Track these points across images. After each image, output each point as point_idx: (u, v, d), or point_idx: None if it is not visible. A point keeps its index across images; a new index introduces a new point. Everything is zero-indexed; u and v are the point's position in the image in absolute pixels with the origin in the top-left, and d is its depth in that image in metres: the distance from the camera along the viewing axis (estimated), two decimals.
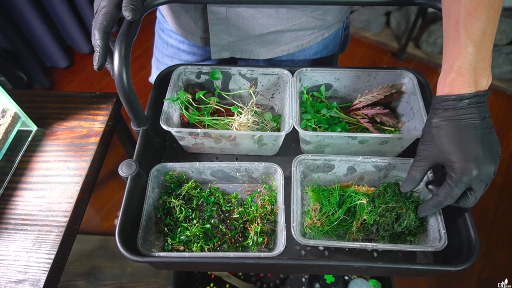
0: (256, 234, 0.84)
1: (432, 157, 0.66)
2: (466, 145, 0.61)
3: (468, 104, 0.61)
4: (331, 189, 0.89)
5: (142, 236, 0.80)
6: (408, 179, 0.73)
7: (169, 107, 0.95)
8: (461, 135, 0.61)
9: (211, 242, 0.83)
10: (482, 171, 0.60)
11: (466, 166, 0.60)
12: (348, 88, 1.03)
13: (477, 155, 0.60)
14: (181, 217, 0.86)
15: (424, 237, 0.81)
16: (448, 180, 0.64)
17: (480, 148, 0.60)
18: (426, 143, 0.67)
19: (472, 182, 0.61)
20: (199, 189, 0.91)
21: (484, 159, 0.60)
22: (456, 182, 0.62)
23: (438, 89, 0.65)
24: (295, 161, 0.87)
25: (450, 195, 0.64)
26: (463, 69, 0.61)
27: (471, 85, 0.61)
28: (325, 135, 0.89)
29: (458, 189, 0.63)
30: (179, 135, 0.93)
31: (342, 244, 0.77)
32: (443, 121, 0.63)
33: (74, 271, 2.02)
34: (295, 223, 0.78)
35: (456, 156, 0.61)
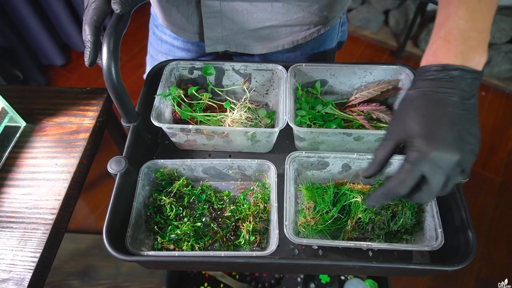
0: (248, 232, 0.81)
1: (398, 134, 0.54)
2: (432, 121, 0.50)
3: (450, 77, 0.51)
4: (326, 187, 0.87)
5: (131, 235, 0.78)
6: (372, 162, 0.59)
7: (161, 103, 0.93)
8: (431, 110, 0.51)
9: (202, 241, 0.81)
10: (442, 155, 0.48)
11: (425, 145, 0.49)
12: (344, 84, 1.01)
13: (442, 135, 0.49)
14: (171, 215, 0.84)
15: (421, 236, 0.79)
16: (404, 162, 0.52)
17: (448, 128, 0.49)
18: (395, 118, 0.57)
19: (428, 168, 0.49)
20: (190, 187, 0.89)
21: (450, 142, 0.49)
22: (412, 163, 0.50)
23: (423, 59, 0.56)
24: (289, 158, 0.85)
25: (403, 181, 0.51)
26: (451, 35, 0.52)
27: (457, 56, 0.51)
28: (319, 132, 0.87)
29: (413, 173, 0.50)
30: (171, 132, 0.91)
31: (336, 243, 0.75)
32: (417, 92, 0.54)
33: (68, 270, 1.99)
34: (288, 222, 0.76)
35: (417, 133, 0.50)
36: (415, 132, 0.51)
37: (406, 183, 0.52)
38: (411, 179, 0.51)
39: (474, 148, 0.51)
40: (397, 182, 0.53)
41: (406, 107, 0.55)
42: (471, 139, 0.51)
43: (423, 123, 0.51)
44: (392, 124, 0.57)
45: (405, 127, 0.53)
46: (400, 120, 0.55)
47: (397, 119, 0.56)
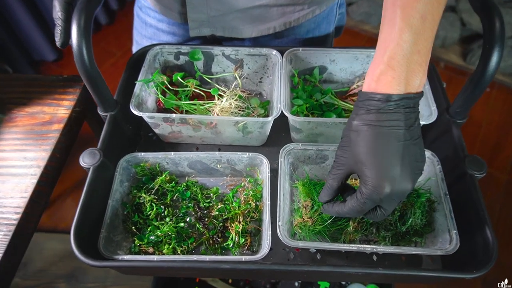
0: (237, 234, 0.73)
1: (348, 165, 0.57)
2: (383, 159, 0.52)
3: (395, 108, 0.51)
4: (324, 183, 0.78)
5: (105, 236, 0.69)
6: (325, 188, 0.63)
7: (142, 90, 0.84)
8: (380, 146, 0.52)
9: (185, 244, 0.72)
10: (396, 191, 0.52)
11: (379, 184, 0.52)
12: (344, 71, 0.92)
13: (393, 173, 0.51)
14: (151, 214, 0.75)
15: (432, 238, 0.70)
16: (357, 194, 0.55)
17: (398, 164, 0.51)
18: (344, 148, 0.58)
19: (382, 200, 0.53)
20: (174, 183, 0.80)
21: (401, 177, 0.51)
22: (366, 198, 0.54)
23: (365, 82, 0.55)
24: (283, 150, 0.76)
25: (356, 209, 0.56)
26: (395, 61, 0.50)
27: (400, 83, 0.50)
28: (317, 122, 0.78)
29: (366, 205, 0.55)
30: (153, 122, 0.82)
31: (336, 246, 0.66)
32: (363, 125, 0.53)
33: (55, 272, 1.90)
34: (282, 222, 0.68)
35: (369, 170, 0.52)
36: (367, 166, 0.53)
37: (359, 212, 0.57)
38: (364, 210, 0.56)
39: (421, 171, 0.55)
40: (351, 210, 0.58)
41: (355, 138, 0.54)
42: (420, 165, 0.54)
43: (374, 157, 0.52)
44: (341, 155, 0.58)
45: (356, 159, 0.55)
46: (350, 151, 0.56)
47: (347, 149, 0.57)
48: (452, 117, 0.78)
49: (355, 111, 0.55)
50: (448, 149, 0.77)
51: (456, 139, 0.76)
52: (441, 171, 0.72)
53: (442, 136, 0.80)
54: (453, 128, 0.77)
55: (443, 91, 0.83)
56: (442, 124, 0.79)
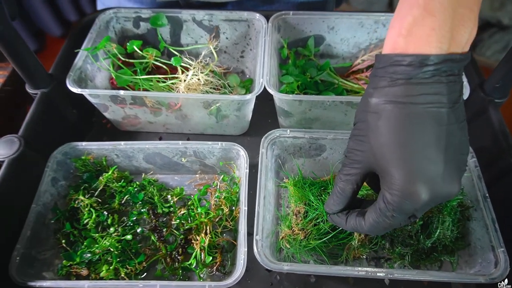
0: (203, 250, 0.54)
1: (366, 162, 0.40)
2: (417, 152, 0.36)
3: (433, 76, 0.35)
4: (322, 183, 0.59)
5: (24, 254, 0.51)
6: (334, 193, 0.45)
7: (87, 63, 0.65)
8: (412, 132, 0.36)
9: (131, 264, 0.53)
10: (437, 197, 0.36)
11: (412, 189, 0.36)
12: (346, 43, 0.74)
13: (434, 172, 0.36)
14: (89, 223, 0.56)
15: (467, 256, 0.52)
16: (379, 203, 0.39)
17: (441, 158, 0.36)
18: (358, 138, 0.41)
19: (417, 211, 0.37)
20: (124, 182, 0.61)
21: (445, 177, 0.36)
22: (394, 210, 0.37)
23: (388, 40, 0.37)
24: (266, 139, 0.57)
25: (381, 225, 0.40)
26: (436, 3, 0.34)
27: (443, 38, 0.34)
28: (311, 101, 0.59)
29: (395, 220, 0.38)
30: (99, 102, 0.64)
31: (336, 271, 0.47)
32: (387, 103, 0.37)
33: None
34: (261, 235, 0.49)
35: (397, 169, 0.36)
36: (393, 163, 0.37)
37: (385, 229, 0.40)
38: (392, 225, 0.39)
39: (466, 166, 0.44)
40: (373, 227, 0.41)
41: (374, 123, 0.38)
42: (465, 158, 0.38)
43: (404, 150, 0.36)
44: (356, 148, 0.41)
45: (376, 153, 0.38)
46: (368, 142, 0.39)
47: (362, 139, 0.40)
48: (488, 95, 0.60)
49: (373, 83, 0.38)
50: (485, 137, 0.58)
51: (496, 123, 0.57)
52: (477, 166, 0.53)
53: (476, 120, 0.61)
54: (490, 109, 0.59)
55: (473, 62, 0.65)
56: (475, 105, 0.61)
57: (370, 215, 0.40)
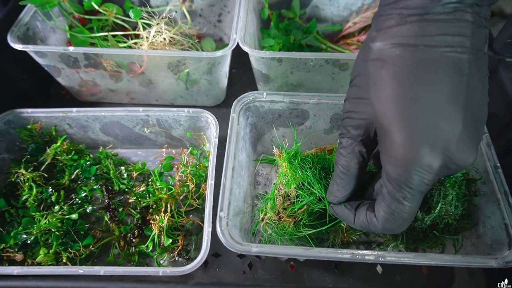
0: (162, 231, 0.45)
1: (370, 125, 0.32)
2: (430, 108, 0.28)
3: (455, 9, 0.27)
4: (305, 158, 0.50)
5: None
6: (336, 175, 0.36)
7: (37, 20, 0.57)
8: (425, 84, 0.28)
9: (75, 247, 0.45)
10: (451, 163, 0.29)
11: (418, 153, 0.28)
12: (336, 3, 0.65)
13: (449, 134, 0.28)
14: (29, 200, 0.48)
15: (474, 238, 0.43)
16: (385, 185, 0.31)
17: (458, 117, 0.28)
18: (357, 97, 0.33)
19: (428, 184, 0.29)
20: (74, 154, 0.53)
21: (462, 141, 0.28)
22: (401, 186, 0.29)
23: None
24: (238, 102, 0.49)
25: (394, 218, 0.31)
26: None
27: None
28: (292, 60, 0.51)
29: (409, 203, 0.30)
30: (47, 63, 0.55)
31: (317, 253, 0.39)
32: (394, 46, 0.29)
33: None
34: (226, 212, 0.41)
35: (401, 130, 0.28)
36: (397, 125, 0.28)
37: (403, 220, 0.31)
38: (409, 213, 0.30)
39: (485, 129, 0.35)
40: (387, 222, 0.32)
41: (377, 73, 0.30)
42: (483, 125, 0.31)
43: (414, 109, 0.28)
44: (353, 107, 0.33)
45: (379, 113, 0.30)
46: (368, 99, 0.31)
47: (362, 95, 0.32)
48: (497, 54, 0.51)
49: (377, 25, 0.31)
50: (496, 100, 0.50)
51: (508, 85, 0.49)
52: (486, 132, 0.45)
53: None
54: (500, 70, 0.51)
55: None
56: None
57: (379, 207, 0.32)
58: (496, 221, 0.41)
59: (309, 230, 0.44)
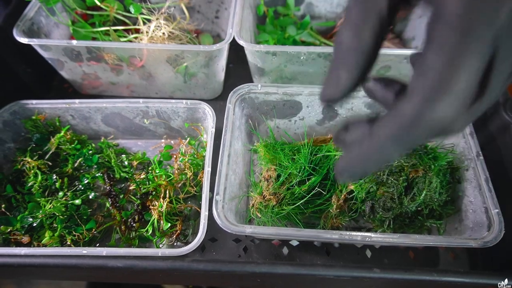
0: (161, 216, 0.48)
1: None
2: None
3: None
4: (298, 146, 0.53)
5: None
6: (339, 50, 0.22)
7: (41, 15, 0.59)
8: None
9: (78, 230, 0.47)
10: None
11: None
12: (330, 1, 0.68)
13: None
14: (34, 186, 0.50)
15: (456, 222, 0.46)
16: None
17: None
18: None
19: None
20: (77, 144, 0.55)
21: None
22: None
23: None
24: (234, 93, 0.51)
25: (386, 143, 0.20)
26: None
27: None
28: (286, 54, 0.53)
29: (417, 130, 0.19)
30: (51, 57, 0.57)
31: (308, 233, 0.41)
32: None
33: None
34: (222, 196, 0.43)
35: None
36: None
37: (429, 130, 0.19)
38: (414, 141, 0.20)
39: None
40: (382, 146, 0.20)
41: None
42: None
43: None
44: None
45: None
46: None
47: None
48: None
49: None
50: None
51: None
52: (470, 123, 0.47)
53: None
54: None
55: None
56: None
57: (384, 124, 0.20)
58: (477, 205, 0.43)
59: (291, 207, 0.47)
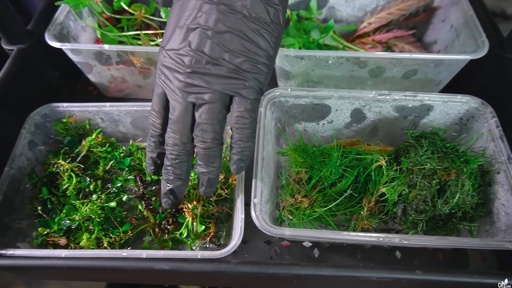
0: (195, 219, 0.49)
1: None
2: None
3: None
4: (327, 149, 0.54)
5: None
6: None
7: (70, 19, 0.60)
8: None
9: (115, 232, 0.48)
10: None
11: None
12: (352, 4, 0.69)
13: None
14: (69, 189, 0.50)
15: (488, 224, 0.47)
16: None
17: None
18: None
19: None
20: (108, 147, 0.56)
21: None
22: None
23: None
24: (265, 97, 0.52)
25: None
26: None
27: None
28: (314, 58, 0.54)
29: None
30: (81, 60, 0.58)
31: (344, 237, 0.42)
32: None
33: None
34: (260, 199, 0.44)
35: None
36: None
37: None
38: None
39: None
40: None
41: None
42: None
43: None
44: None
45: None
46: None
47: None
48: (509, 52, 0.55)
49: None
50: (507, 95, 0.53)
51: None
52: (498, 126, 0.48)
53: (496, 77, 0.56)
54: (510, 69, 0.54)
55: (489, 18, 0.59)
56: (495, 62, 0.56)
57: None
58: (510, 208, 0.44)
59: (323, 209, 0.48)
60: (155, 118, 0.40)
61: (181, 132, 0.38)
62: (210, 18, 0.34)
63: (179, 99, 0.37)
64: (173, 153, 0.39)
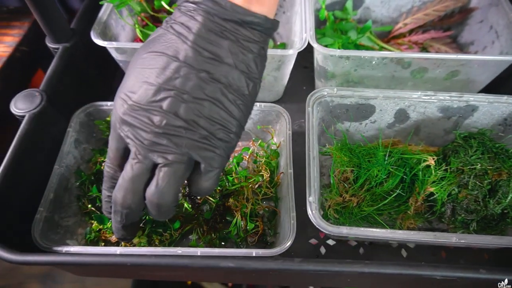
0: (244, 217, 0.49)
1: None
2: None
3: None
4: (372, 147, 0.54)
5: (46, 218, 0.46)
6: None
7: (112, 18, 0.60)
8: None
9: (167, 230, 0.48)
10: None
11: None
12: (387, 5, 0.69)
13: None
14: None
15: None
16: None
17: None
18: None
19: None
20: None
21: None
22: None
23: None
24: (312, 97, 0.52)
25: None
26: None
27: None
28: (359, 58, 0.54)
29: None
30: (124, 59, 0.58)
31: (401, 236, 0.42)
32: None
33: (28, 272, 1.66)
34: (314, 197, 0.44)
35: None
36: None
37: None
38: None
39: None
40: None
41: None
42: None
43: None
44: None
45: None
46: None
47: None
48: None
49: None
50: None
51: None
52: None
53: None
54: None
55: None
56: None
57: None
58: None
59: (372, 208, 0.48)
60: (114, 171, 0.37)
61: (133, 192, 0.35)
62: (188, 83, 0.33)
63: (141, 158, 0.34)
64: (122, 213, 0.36)
